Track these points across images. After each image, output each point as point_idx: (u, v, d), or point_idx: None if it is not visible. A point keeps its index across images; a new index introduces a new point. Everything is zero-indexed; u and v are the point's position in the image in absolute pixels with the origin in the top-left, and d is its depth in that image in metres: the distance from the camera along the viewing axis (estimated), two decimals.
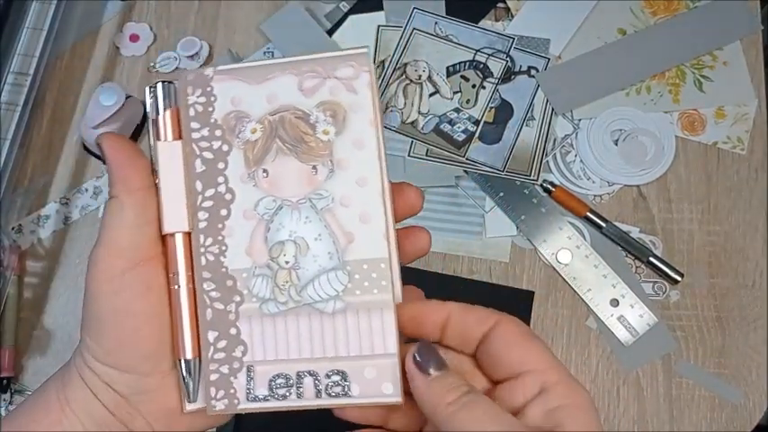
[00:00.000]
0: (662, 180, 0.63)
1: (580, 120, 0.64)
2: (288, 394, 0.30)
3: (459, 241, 0.62)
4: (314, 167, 0.31)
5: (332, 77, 0.31)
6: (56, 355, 0.62)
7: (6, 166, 0.61)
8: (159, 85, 0.31)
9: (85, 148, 0.66)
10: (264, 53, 0.67)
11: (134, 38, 0.69)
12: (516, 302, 0.60)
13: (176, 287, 0.31)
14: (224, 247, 0.31)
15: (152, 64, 0.68)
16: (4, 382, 0.60)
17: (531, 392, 0.28)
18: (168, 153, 0.31)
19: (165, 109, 0.31)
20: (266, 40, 0.68)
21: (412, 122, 0.64)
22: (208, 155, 0.31)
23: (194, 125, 0.31)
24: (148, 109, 0.32)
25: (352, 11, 0.68)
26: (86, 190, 0.65)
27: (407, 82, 0.65)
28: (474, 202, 0.63)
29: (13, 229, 0.64)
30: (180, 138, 0.31)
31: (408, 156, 0.63)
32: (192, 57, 0.68)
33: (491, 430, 0.26)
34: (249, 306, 0.30)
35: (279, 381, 0.30)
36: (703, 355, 0.58)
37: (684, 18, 0.66)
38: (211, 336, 0.30)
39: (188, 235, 0.31)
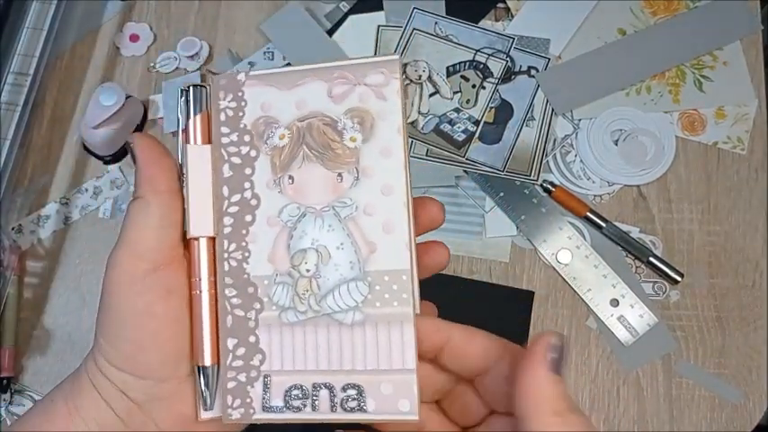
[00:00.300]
0: (662, 180, 0.63)
1: (580, 120, 0.64)
2: (303, 406, 0.29)
3: (460, 241, 0.62)
4: (339, 175, 0.30)
5: (362, 84, 0.31)
6: (56, 355, 0.62)
7: (6, 166, 0.61)
8: (191, 89, 0.31)
9: (85, 148, 0.66)
10: (264, 53, 0.67)
11: (134, 38, 0.69)
12: (516, 302, 0.60)
13: (198, 292, 0.30)
14: (247, 254, 0.31)
15: (152, 64, 0.68)
16: (4, 382, 0.60)
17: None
18: (197, 157, 0.31)
19: (195, 113, 0.31)
20: (266, 40, 0.68)
21: (412, 122, 0.64)
22: (236, 160, 0.31)
23: (224, 130, 0.31)
24: (179, 112, 0.32)
25: (352, 11, 0.68)
26: (86, 190, 0.65)
27: (407, 82, 0.65)
28: (474, 202, 0.63)
29: (13, 229, 0.64)
30: (209, 142, 0.31)
31: (408, 156, 0.63)
32: (192, 57, 0.68)
33: None
34: (269, 314, 0.30)
35: (294, 392, 0.30)
36: (703, 355, 0.58)
37: (684, 18, 0.66)
38: (231, 343, 0.30)
39: (212, 240, 0.31)
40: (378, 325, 0.29)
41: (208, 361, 0.30)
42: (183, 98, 0.31)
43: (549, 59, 0.65)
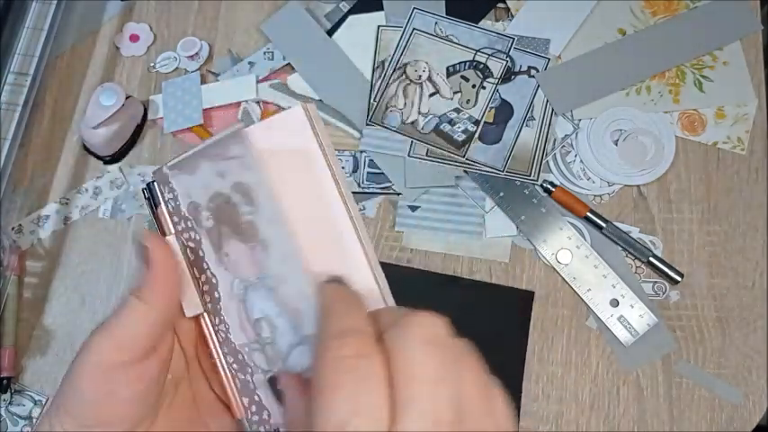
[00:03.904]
0: (662, 180, 0.63)
1: (580, 120, 0.64)
2: None
3: (460, 241, 0.62)
4: (253, 248, 0.31)
5: (230, 158, 0.31)
6: (56, 355, 0.62)
7: (6, 166, 0.61)
8: (149, 186, 0.33)
9: (85, 148, 0.66)
10: (264, 53, 0.67)
11: (134, 38, 0.69)
12: (516, 302, 0.60)
13: (216, 361, 0.33)
14: (227, 326, 0.32)
15: (152, 64, 0.68)
16: (4, 382, 0.60)
17: None
18: (173, 246, 0.32)
19: (154, 208, 0.33)
20: (266, 40, 0.68)
21: (412, 122, 0.64)
22: (191, 244, 0.33)
23: (175, 219, 0.33)
24: (149, 209, 0.33)
25: (352, 11, 0.68)
26: (86, 190, 0.65)
27: (407, 82, 0.65)
28: (474, 202, 0.63)
29: (13, 229, 0.64)
30: (172, 232, 0.33)
31: (408, 156, 0.63)
32: (192, 57, 0.68)
33: None
34: (258, 377, 0.32)
35: None
36: (703, 355, 0.58)
37: (684, 18, 0.66)
38: (245, 401, 0.33)
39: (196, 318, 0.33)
40: None
41: (239, 414, 0.33)
42: (148, 194, 0.33)
43: (549, 59, 0.65)
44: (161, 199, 0.33)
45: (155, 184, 0.33)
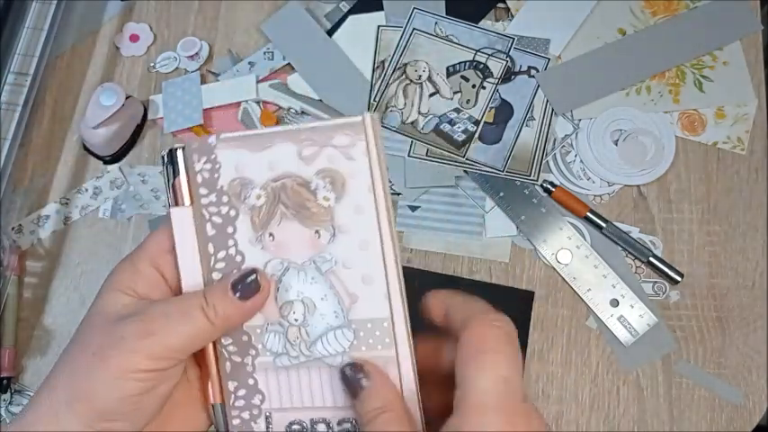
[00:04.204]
0: (662, 180, 0.63)
1: (580, 120, 0.64)
2: None
3: (460, 241, 0.62)
4: (317, 232, 0.32)
5: (329, 146, 0.32)
6: (56, 355, 0.61)
7: (6, 166, 0.61)
8: (177, 152, 0.33)
9: (85, 148, 0.66)
10: (264, 53, 0.67)
11: (134, 38, 0.69)
12: (516, 302, 0.60)
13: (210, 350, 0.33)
14: None
15: (152, 64, 0.68)
16: (4, 382, 0.60)
17: (454, 404, 0.29)
18: (181, 218, 0.33)
19: (175, 176, 0.33)
20: (266, 40, 0.68)
21: (412, 122, 0.64)
22: (217, 219, 0.33)
23: (203, 191, 0.33)
24: (165, 176, 0.33)
25: (352, 11, 0.68)
26: (86, 190, 0.65)
27: (407, 82, 0.65)
28: (474, 202, 0.63)
29: (13, 229, 0.64)
30: (192, 202, 0.33)
31: (408, 156, 0.63)
32: (192, 57, 0.68)
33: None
34: (264, 359, 0.33)
35: (294, 427, 0.33)
36: (703, 355, 0.58)
37: (684, 18, 0.66)
38: (231, 385, 0.33)
39: None
40: None
41: (216, 399, 0.33)
42: (168, 161, 0.33)
43: (549, 59, 0.65)
44: (182, 168, 0.33)
45: (178, 151, 0.33)
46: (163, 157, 0.33)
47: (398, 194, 0.63)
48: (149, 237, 0.33)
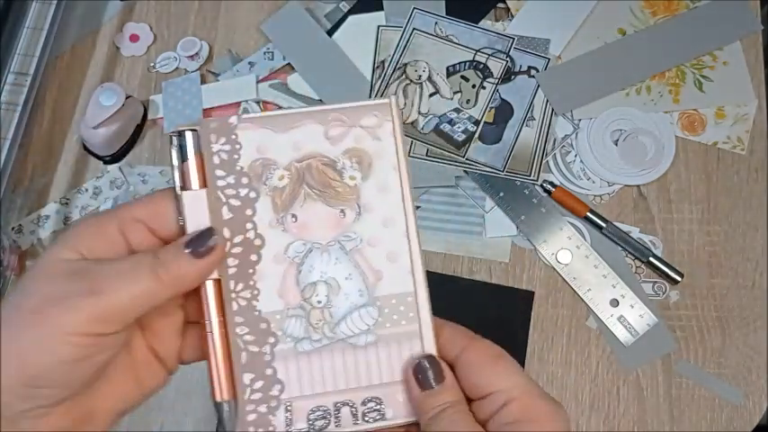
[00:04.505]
0: (662, 180, 0.63)
1: (580, 120, 0.64)
2: (327, 425, 0.32)
3: (459, 241, 0.62)
4: (342, 211, 0.33)
5: (357, 126, 0.33)
6: None
7: (6, 166, 0.61)
8: (187, 133, 0.32)
9: (85, 148, 0.66)
10: (264, 53, 0.67)
11: (134, 38, 0.69)
12: (516, 302, 0.60)
13: (210, 332, 0.32)
14: (256, 292, 0.32)
15: (152, 64, 0.68)
16: None
17: (495, 409, 0.30)
18: (193, 202, 0.31)
19: (187, 159, 0.32)
20: (266, 40, 0.68)
21: (412, 122, 0.64)
22: (235, 202, 0.32)
23: (219, 173, 0.32)
24: (174, 159, 0.32)
25: (352, 11, 0.68)
26: (86, 190, 0.65)
27: (407, 82, 0.65)
28: (474, 202, 0.63)
29: (13, 229, 0.64)
30: (204, 186, 0.32)
31: (408, 156, 0.63)
32: (192, 57, 0.68)
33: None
34: (284, 347, 0.32)
35: (317, 413, 0.32)
36: (703, 355, 0.58)
37: (684, 18, 0.66)
38: (247, 378, 0.32)
39: (218, 282, 0.32)
40: (390, 344, 0.32)
41: (225, 396, 0.31)
42: (177, 143, 0.32)
43: (549, 59, 0.65)
44: (191, 152, 0.32)
45: (188, 134, 0.32)
46: (171, 138, 0.32)
47: None
48: (125, 204, 0.32)
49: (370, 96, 0.65)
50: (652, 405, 0.57)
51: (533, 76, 0.65)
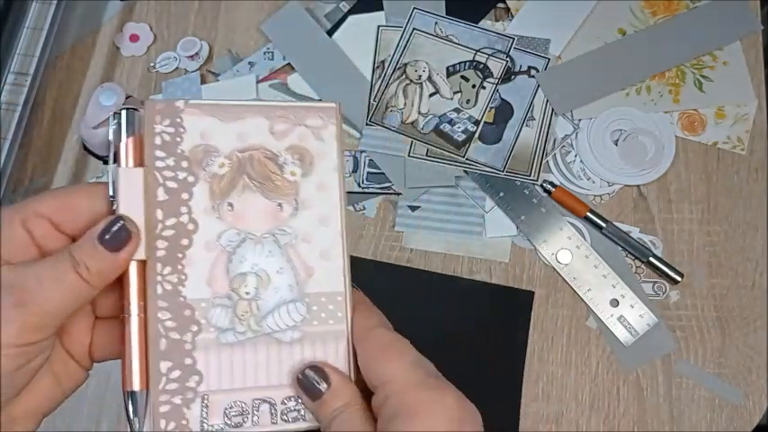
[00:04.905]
0: (662, 180, 0.63)
1: (580, 120, 0.64)
2: (243, 422, 0.31)
3: (459, 241, 0.62)
4: (279, 205, 0.33)
5: (302, 125, 0.34)
6: None
7: (6, 166, 0.61)
8: (124, 112, 0.31)
9: (85, 148, 0.66)
10: (264, 53, 0.67)
11: (134, 38, 0.69)
12: (516, 302, 0.60)
13: (127, 316, 0.30)
14: (183, 277, 0.31)
15: (152, 64, 0.68)
16: None
17: (380, 404, 0.29)
18: (128, 180, 0.31)
19: (127, 136, 0.31)
20: (266, 40, 0.68)
21: (412, 122, 0.64)
22: (171, 184, 0.31)
23: (159, 154, 0.32)
24: (111, 135, 0.31)
25: (352, 11, 0.68)
26: None
27: (407, 82, 0.65)
28: (474, 202, 0.63)
29: None
30: (141, 165, 0.31)
31: (408, 156, 0.63)
32: (192, 57, 0.68)
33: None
34: (206, 336, 0.31)
35: (234, 409, 0.31)
36: (703, 355, 0.58)
37: (684, 18, 0.66)
38: (164, 366, 0.30)
39: (143, 263, 0.31)
40: (315, 342, 0.32)
41: (137, 386, 0.30)
42: (116, 120, 0.31)
43: (549, 59, 0.65)
44: (129, 129, 0.31)
45: (125, 112, 0.31)
46: (113, 115, 0.32)
47: (398, 194, 0.63)
48: (29, 199, 0.31)
49: (370, 96, 0.65)
50: (652, 405, 0.57)
51: (533, 76, 0.65)
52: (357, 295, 0.34)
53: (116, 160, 0.31)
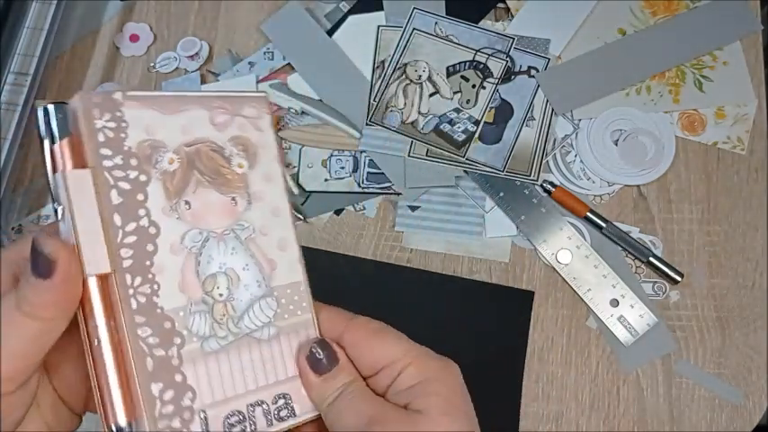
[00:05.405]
0: (662, 180, 0.63)
1: (580, 120, 0.64)
2: (244, 429, 0.30)
3: (459, 241, 0.62)
4: (233, 199, 0.32)
5: (240, 115, 0.33)
6: None
7: (6, 166, 0.61)
8: (51, 108, 0.27)
9: None
10: (264, 53, 0.67)
11: (134, 38, 0.69)
12: (516, 302, 0.60)
13: (96, 342, 0.27)
14: (155, 286, 0.28)
15: (152, 64, 0.68)
16: None
17: (391, 380, 0.30)
18: (78, 184, 0.27)
19: (63, 135, 0.27)
20: (266, 40, 0.68)
21: (412, 122, 0.64)
22: (124, 185, 0.28)
23: (105, 152, 0.28)
24: (43, 134, 0.27)
25: (352, 11, 0.68)
26: None
27: (407, 82, 0.65)
28: (474, 202, 0.63)
29: (13, 229, 0.64)
30: (84, 166, 0.27)
31: (408, 156, 0.63)
32: (192, 57, 0.68)
33: (362, 409, 0.29)
34: (191, 347, 0.29)
35: (233, 419, 0.29)
36: (703, 355, 0.58)
37: (684, 18, 0.66)
38: (155, 389, 0.27)
39: (104, 278, 0.27)
40: (290, 334, 0.32)
41: (122, 419, 0.26)
42: (44, 119, 0.27)
43: (549, 59, 0.65)
44: (70, 125, 0.28)
45: (63, 106, 0.28)
46: (42, 111, 0.28)
47: (398, 194, 0.63)
48: None
49: (370, 96, 0.65)
50: (652, 405, 0.57)
51: (533, 76, 0.65)
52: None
53: (53, 165, 0.27)
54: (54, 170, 0.27)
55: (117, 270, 0.27)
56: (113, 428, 0.26)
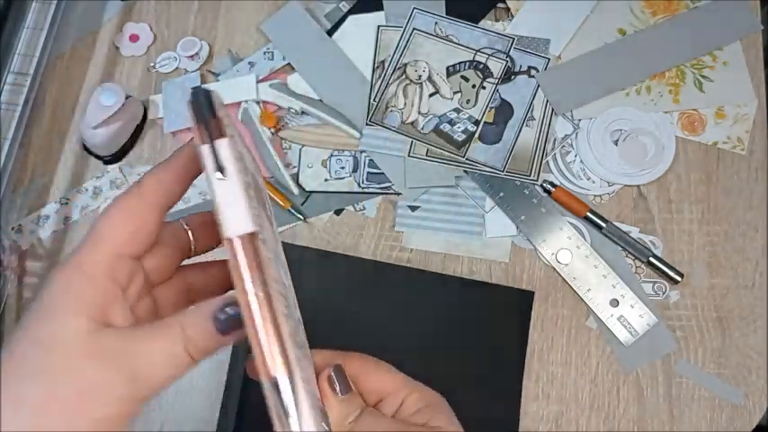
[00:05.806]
0: (662, 180, 0.63)
1: (580, 120, 0.64)
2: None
3: (459, 241, 0.62)
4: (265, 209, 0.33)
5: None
6: None
7: (6, 166, 0.61)
8: (210, 92, 0.27)
9: (85, 148, 0.66)
10: (264, 53, 0.67)
11: (134, 38, 0.69)
12: (516, 302, 0.60)
13: (256, 295, 0.25)
14: (270, 252, 0.27)
15: (152, 64, 0.68)
16: None
17: (394, 408, 0.33)
18: (233, 150, 0.26)
19: (215, 113, 0.26)
20: (266, 40, 0.68)
21: (412, 122, 0.64)
22: (248, 179, 0.28)
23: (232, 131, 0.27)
24: (192, 118, 0.26)
25: (352, 11, 0.68)
26: (86, 190, 0.65)
27: (407, 82, 0.65)
28: (474, 202, 0.63)
29: (13, 229, 0.64)
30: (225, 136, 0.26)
31: (408, 156, 0.63)
32: (192, 57, 0.68)
33: (388, 425, 0.32)
34: (287, 312, 0.26)
35: (316, 402, 0.29)
36: (703, 355, 0.58)
37: (684, 18, 0.66)
38: (294, 352, 0.25)
39: (250, 237, 0.25)
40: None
41: (281, 370, 0.24)
42: (198, 100, 0.26)
43: (549, 59, 0.65)
44: (216, 109, 0.26)
45: (210, 92, 0.27)
46: (191, 102, 0.27)
47: (398, 194, 0.63)
48: (100, 229, 0.28)
49: (370, 96, 0.65)
50: (652, 405, 0.57)
51: (533, 76, 0.65)
52: None
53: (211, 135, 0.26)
54: (212, 139, 0.26)
55: (261, 232, 0.26)
56: (271, 381, 0.24)
